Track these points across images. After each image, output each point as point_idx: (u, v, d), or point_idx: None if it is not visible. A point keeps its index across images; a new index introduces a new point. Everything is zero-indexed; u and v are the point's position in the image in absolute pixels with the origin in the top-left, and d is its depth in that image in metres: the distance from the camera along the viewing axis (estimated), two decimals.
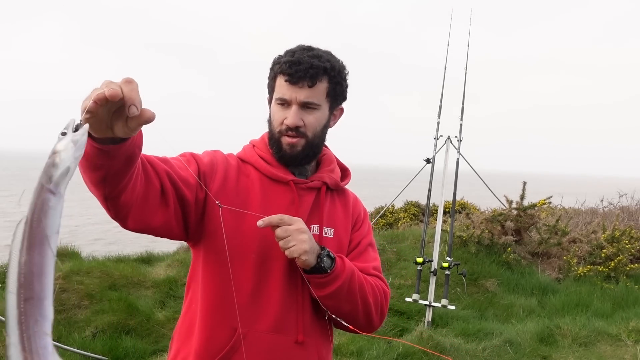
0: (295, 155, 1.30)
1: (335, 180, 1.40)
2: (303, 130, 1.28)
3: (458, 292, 5.73)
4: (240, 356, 1.23)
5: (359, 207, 1.49)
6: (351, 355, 3.89)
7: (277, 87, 1.29)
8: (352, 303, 1.28)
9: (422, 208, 10.46)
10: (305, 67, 1.24)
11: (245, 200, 1.28)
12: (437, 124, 5.23)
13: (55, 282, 4.27)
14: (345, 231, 1.41)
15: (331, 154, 1.46)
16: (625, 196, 10.98)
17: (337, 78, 1.31)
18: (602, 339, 4.50)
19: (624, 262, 6.32)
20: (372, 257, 1.45)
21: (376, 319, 1.37)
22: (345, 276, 1.25)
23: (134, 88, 0.86)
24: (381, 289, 1.37)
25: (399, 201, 9.99)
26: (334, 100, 1.34)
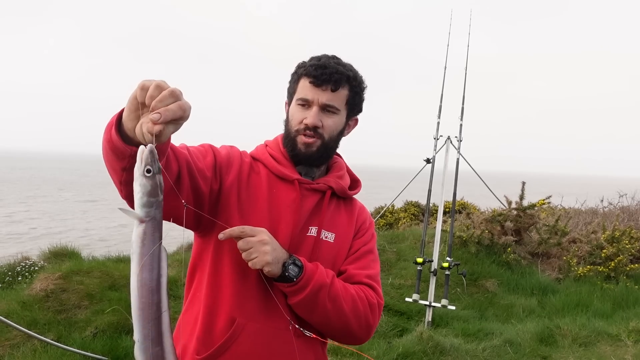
0: (310, 155, 1.34)
1: (342, 187, 1.41)
2: (321, 132, 1.32)
3: (458, 292, 5.73)
4: (238, 346, 1.25)
5: (364, 215, 1.50)
6: (351, 356, 3.89)
7: (300, 89, 1.33)
8: (323, 314, 1.27)
9: (422, 208, 10.46)
10: (331, 71, 1.30)
11: (253, 197, 1.32)
12: (437, 124, 5.24)
13: (55, 282, 4.26)
14: (347, 238, 1.41)
15: (342, 162, 1.49)
16: (625, 196, 10.98)
17: (357, 88, 1.36)
18: (602, 339, 4.50)
19: (624, 262, 6.32)
20: (369, 265, 1.42)
21: (358, 331, 1.34)
22: (315, 285, 1.24)
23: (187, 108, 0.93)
24: (365, 300, 1.33)
25: (399, 201, 9.99)
26: (352, 109, 1.39)
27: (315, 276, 1.25)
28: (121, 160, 1.01)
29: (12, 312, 4.01)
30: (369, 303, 1.34)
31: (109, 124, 1.01)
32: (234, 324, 1.26)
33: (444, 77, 5.40)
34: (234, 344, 1.26)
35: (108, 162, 1.05)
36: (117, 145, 0.99)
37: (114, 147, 1.00)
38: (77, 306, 4.28)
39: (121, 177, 1.04)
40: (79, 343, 3.81)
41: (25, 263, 5.12)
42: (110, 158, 1.03)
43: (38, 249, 5.93)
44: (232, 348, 1.26)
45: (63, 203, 27.83)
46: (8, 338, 3.80)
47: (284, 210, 1.32)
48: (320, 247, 1.34)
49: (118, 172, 1.04)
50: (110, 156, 1.03)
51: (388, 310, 5.01)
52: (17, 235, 16.26)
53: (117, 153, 1.00)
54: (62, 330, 4.00)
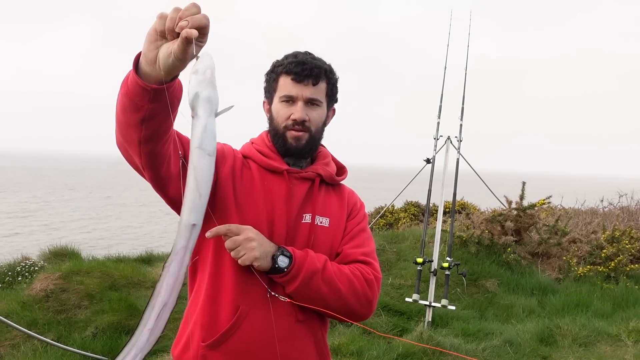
0: (301, 148, 1.40)
1: (330, 174, 1.47)
2: (308, 125, 1.38)
3: (458, 292, 5.73)
4: (242, 332, 1.30)
5: (355, 198, 1.56)
6: (351, 355, 3.89)
7: (282, 86, 1.39)
8: (321, 298, 1.32)
9: (422, 208, 10.46)
10: (310, 67, 1.36)
11: (247, 190, 1.37)
12: (437, 124, 5.24)
13: (55, 282, 4.26)
14: (341, 221, 1.47)
15: (326, 151, 1.54)
16: (625, 196, 10.98)
17: (333, 80, 1.44)
18: (602, 339, 4.50)
19: (624, 262, 6.32)
20: (363, 243, 1.47)
21: (359, 308, 1.38)
22: (307, 272, 1.29)
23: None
24: (361, 277, 1.38)
25: (399, 201, 9.99)
26: (331, 100, 1.46)
27: (305, 263, 1.30)
28: (139, 110, 1.03)
29: (12, 312, 4.01)
30: (365, 279, 1.39)
31: (125, 77, 1.04)
32: (238, 311, 1.31)
33: (444, 77, 5.41)
34: (238, 330, 1.30)
35: (124, 122, 1.07)
36: (135, 89, 1.01)
37: (131, 95, 1.01)
38: (77, 306, 4.28)
39: (140, 134, 1.06)
40: (79, 343, 3.81)
41: (25, 263, 5.13)
42: (126, 114, 1.05)
43: (38, 249, 5.93)
44: (237, 334, 1.30)
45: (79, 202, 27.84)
46: (8, 338, 3.80)
47: (277, 202, 1.37)
48: (317, 232, 1.40)
49: (137, 127, 1.05)
50: (126, 111, 1.04)
51: (388, 310, 5.01)
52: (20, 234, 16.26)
53: (136, 100, 1.01)
54: (62, 330, 4.00)
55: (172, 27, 0.96)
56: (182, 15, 0.95)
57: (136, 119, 1.04)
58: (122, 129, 1.09)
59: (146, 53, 1.00)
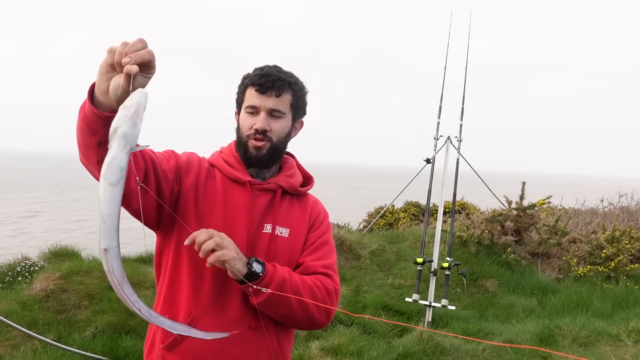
0: (261, 157, 1.44)
1: (292, 185, 1.51)
2: (269, 135, 1.43)
3: (458, 292, 5.73)
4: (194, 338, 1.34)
5: (318, 209, 1.58)
6: (351, 355, 3.89)
7: (247, 97, 1.44)
8: (288, 307, 1.35)
9: (422, 208, 10.46)
10: (274, 79, 1.41)
11: (209, 200, 1.42)
12: (437, 124, 5.24)
13: (55, 282, 4.26)
14: (301, 232, 1.50)
15: (293, 162, 1.59)
16: (625, 196, 10.98)
17: (300, 93, 1.48)
18: (602, 339, 4.50)
19: (624, 262, 6.32)
20: (324, 255, 1.50)
21: (319, 318, 1.43)
22: (278, 280, 1.32)
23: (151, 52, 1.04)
24: (322, 288, 1.42)
25: (399, 201, 9.99)
26: (296, 112, 1.50)
27: (276, 271, 1.34)
28: (95, 134, 1.11)
29: (12, 312, 4.01)
30: (326, 290, 1.42)
31: (82, 104, 1.11)
32: (190, 317, 1.38)
33: (444, 77, 5.41)
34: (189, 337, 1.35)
35: (83, 144, 1.15)
36: (91, 116, 1.09)
37: (88, 121, 1.09)
38: (77, 306, 4.28)
39: (97, 156, 1.13)
40: (79, 343, 3.81)
41: (25, 263, 5.13)
42: (84, 137, 1.13)
43: (38, 249, 5.93)
44: (189, 338, 1.36)
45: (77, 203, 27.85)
46: (8, 338, 3.80)
47: (238, 211, 1.42)
48: (277, 242, 1.44)
49: (94, 150, 1.13)
50: (84, 134, 1.12)
51: (388, 310, 5.01)
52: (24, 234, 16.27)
53: (92, 125, 1.10)
54: (62, 330, 4.00)
55: (120, 61, 1.03)
56: (128, 50, 1.02)
57: (94, 142, 1.12)
58: (82, 149, 1.17)
59: (99, 84, 1.08)
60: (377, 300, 5.08)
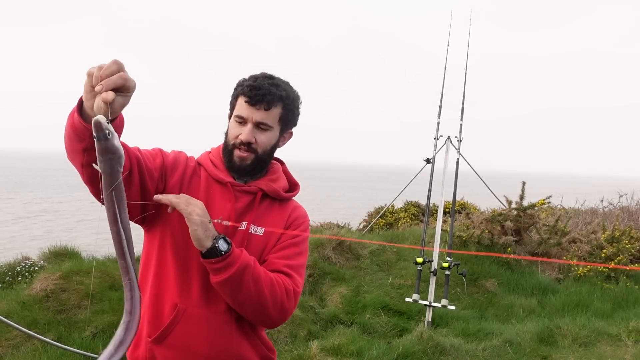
0: (244, 167, 1.48)
1: (274, 189, 1.54)
2: (254, 147, 1.46)
3: (458, 292, 5.73)
4: (181, 328, 1.41)
5: (297, 213, 1.59)
6: (351, 355, 3.89)
7: (238, 106, 1.47)
8: (246, 294, 1.36)
9: (422, 208, 10.45)
10: (264, 92, 1.43)
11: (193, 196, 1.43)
12: (437, 124, 5.24)
13: (55, 282, 4.26)
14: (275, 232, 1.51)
15: (278, 167, 1.62)
16: (625, 196, 10.98)
17: (291, 106, 1.50)
18: (602, 339, 4.50)
19: (624, 262, 6.32)
20: (290, 256, 1.49)
21: (274, 314, 1.42)
22: (242, 264, 1.33)
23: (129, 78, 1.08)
24: (282, 285, 1.42)
25: (399, 201, 9.99)
26: (285, 124, 1.52)
27: (242, 255, 1.35)
28: (82, 141, 1.16)
29: (12, 312, 4.01)
30: (285, 289, 1.42)
31: (71, 111, 1.16)
32: (176, 309, 1.42)
33: (444, 77, 5.41)
34: (177, 327, 1.41)
35: (70, 148, 1.20)
36: (78, 126, 1.14)
37: (75, 129, 1.15)
38: (77, 306, 4.28)
39: (82, 159, 1.19)
40: (79, 343, 3.81)
41: (25, 263, 5.12)
42: (72, 142, 1.18)
43: (38, 249, 5.93)
44: (176, 330, 1.41)
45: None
46: (8, 338, 3.80)
47: (217, 209, 1.45)
48: (250, 240, 1.46)
49: (79, 154, 1.18)
50: (72, 140, 1.17)
51: (388, 310, 5.01)
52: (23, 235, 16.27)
53: (79, 134, 1.15)
54: (62, 330, 4.00)
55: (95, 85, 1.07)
56: (102, 74, 1.06)
57: (79, 148, 1.18)
58: (69, 152, 1.22)
59: (84, 101, 1.12)
60: (377, 300, 5.08)
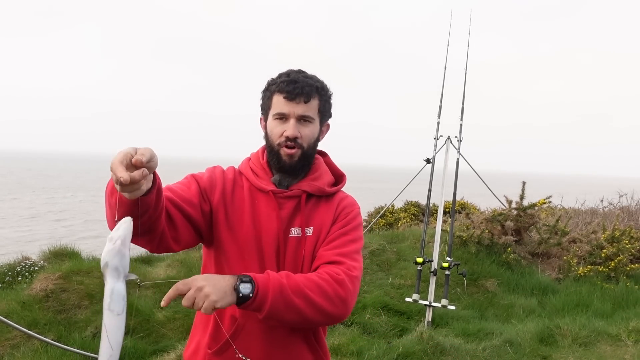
0: (294, 165, 1.46)
1: (317, 188, 1.50)
2: (300, 142, 1.44)
3: (458, 292, 5.73)
4: (240, 341, 1.42)
5: (345, 202, 1.54)
6: (351, 355, 3.89)
7: (275, 104, 1.45)
8: (296, 311, 1.30)
9: (422, 208, 10.46)
10: (302, 85, 1.42)
11: (238, 210, 1.47)
12: (437, 124, 5.23)
13: (55, 282, 4.26)
14: (324, 226, 1.49)
15: (320, 162, 1.58)
16: (625, 196, 10.98)
17: (326, 97, 1.49)
18: (602, 339, 4.50)
19: (624, 262, 6.32)
20: (342, 245, 1.44)
21: (334, 310, 1.35)
22: (274, 289, 1.27)
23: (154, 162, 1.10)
24: (329, 279, 1.34)
25: (399, 201, 9.99)
26: (324, 116, 1.52)
27: (270, 282, 1.28)
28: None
29: (12, 312, 4.01)
30: (335, 279, 1.35)
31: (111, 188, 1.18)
32: (236, 323, 1.43)
33: (444, 77, 5.40)
34: (236, 340, 1.42)
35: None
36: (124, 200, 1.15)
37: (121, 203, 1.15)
38: (77, 306, 4.28)
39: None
40: (79, 343, 3.82)
41: (25, 263, 5.13)
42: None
43: (38, 249, 5.93)
44: (235, 343, 1.41)
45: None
46: (8, 338, 3.81)
47: (265, 219, 1.45)
48: (305, 244, 1.45)
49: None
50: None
51: (388, 310, 5.01)
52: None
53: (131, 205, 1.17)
54: (62, 330, 4.00)
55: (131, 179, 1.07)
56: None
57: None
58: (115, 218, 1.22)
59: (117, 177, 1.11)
60: (377, 300, 5.08)
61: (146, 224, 1.21)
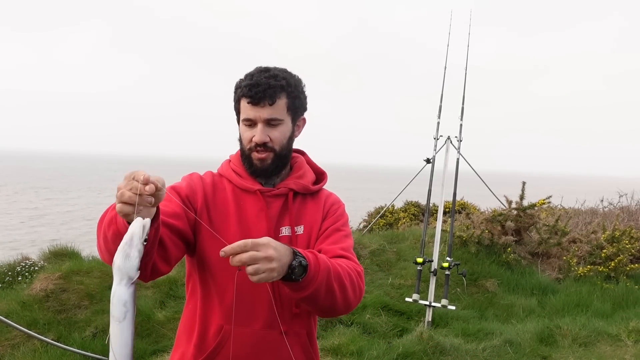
0: (266, 168, 1.44)
1: (303, 185, 1.50)
2: (270, 145, 1.41)
3: (458, 292, 5.73)
4: (227, 350, 1.38)
5: (331, 200, 1.56)
6: (351, 355, 3.89)
7: (242, 109, 1.42)
8: (330, 297, 1.30)
9: (422, 208, 10.45)
10: (264, 87, 1.37)
11: (222, 213, 1.43)
12: (437, 124, 5.24)
13: (55, 282, 4.27)
14: (315, 224, 1.48)
15: (302, 161, 1.57)
16: (625, 196, 10.98)
17: (295, 92, 1.43)
18: (602, 339, 4.50)
19: (624, 262, 6.32)
20: (340, 240, 1.46)
21: (355, 300, 1.38)
22: (321, 278, 1.25)
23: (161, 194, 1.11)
24: (354, 270, 1.38)
25: (399, 201, 9.99)
26: (295, 113, 1.46)
27: (320, 264, 1.26)
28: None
29: (12, 312, 4.01)
30: (356, 271, 1.39)
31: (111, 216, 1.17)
32: (222, 332, 1.40)
33: (444, 77, 5.41)
34: (223, 349, 1.39)
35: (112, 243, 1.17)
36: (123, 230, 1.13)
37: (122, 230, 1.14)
38: (77, 306, 4.28)
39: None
40: (79, 343, 3.82)
41: (25, 263, 5.13)
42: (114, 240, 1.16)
43: (38, 249, 5.93)
44: (222, 352, 1.39)
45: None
46: (8, 338, 3.81)
47: (253, 220, 1.42)
48: (297, 241, 1.43)
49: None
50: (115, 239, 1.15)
51: (388, 310, 5.01)
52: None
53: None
54: (62, 330, 4.00)
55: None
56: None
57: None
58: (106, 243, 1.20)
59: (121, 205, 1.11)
60: (377, 300, 5.08)
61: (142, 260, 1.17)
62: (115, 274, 1.06)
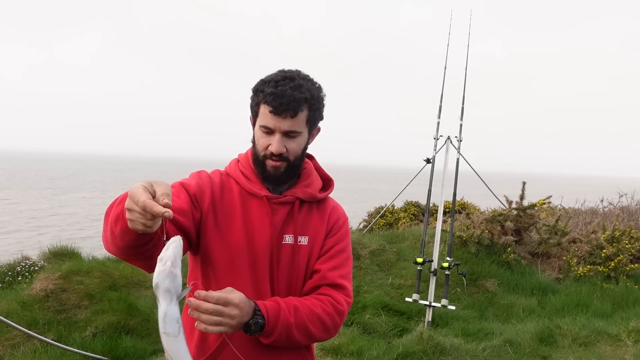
0: (279, 176, 1.43)
1: (309, 194, 1.49)
2: (286, 156, 1.40)
3: (458, 292, 5.73)
4: (229, 352, 1.38)
5: (336, 214, 1.56)
6: (351, 355, 3.89)
7: (261, 115, 1.38)
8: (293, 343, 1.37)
9: (422, 208, 10.46)
10: (288, 100, 1.33)
11: (228, 215, 1.42)
12: (437, 124, 5.24)
13: (55, 282, 4.25)
14: (319, 238, 1.49)
15: (311, 167, 1.55)
16: (625, 196, 10.98)
17: (316, 105, 1.41)
18: (602, 339, 4.50)
19: (623, 262, 6.32)
20: (341, 264, 1.48)
21: (328, 337, 1.45)
22: (279, 333, 1.32)
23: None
24: (333, 312, 1.41)
25: (399, 201, 9.99)
26: (313, 124, 1.45)
27: (279, 320, 1.31)
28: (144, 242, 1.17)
29: (12, 312, 4.01)
30: (337, 311, 1.42)
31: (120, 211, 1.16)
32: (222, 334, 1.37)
33: (444, 77, 5.41)
34: (224, 350, 1.39)
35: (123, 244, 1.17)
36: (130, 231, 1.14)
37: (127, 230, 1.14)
38: (77, 306, 4.28)
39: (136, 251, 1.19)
40: (79, 343, 3.82)
41: (25, 263, 5.13)
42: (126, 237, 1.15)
43: (38, 249, 5.93)
44: (223, 353, 1.39)
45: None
46: (8, 338, 3.81)
47: (258, 225, 1.41)
48: (299, 251, 1.44)
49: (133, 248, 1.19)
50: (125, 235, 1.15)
51: (388, 310, 5.01)
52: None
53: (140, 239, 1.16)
54: (62, 330, 4.00)
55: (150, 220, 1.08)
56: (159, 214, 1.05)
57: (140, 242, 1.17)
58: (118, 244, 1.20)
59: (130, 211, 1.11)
60: (377, 300, 5.09)
61: (150, 251, 1.19)
62: (163, 296, 1.06)
